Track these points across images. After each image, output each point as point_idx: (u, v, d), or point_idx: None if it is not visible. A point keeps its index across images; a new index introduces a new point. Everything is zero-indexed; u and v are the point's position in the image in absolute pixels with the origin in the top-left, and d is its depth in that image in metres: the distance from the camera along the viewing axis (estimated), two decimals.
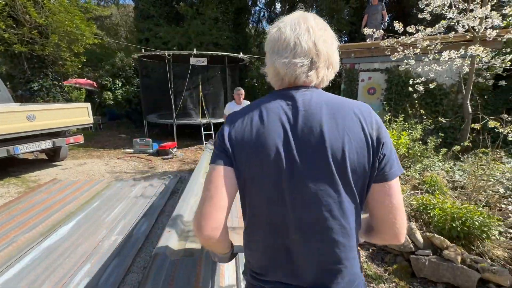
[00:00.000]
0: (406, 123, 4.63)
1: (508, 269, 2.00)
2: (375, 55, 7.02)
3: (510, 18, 3.90)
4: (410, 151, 4.16)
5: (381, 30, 4.95)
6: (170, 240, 1.18)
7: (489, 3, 3.85)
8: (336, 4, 7.87)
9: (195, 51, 6.31)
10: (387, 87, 6.96)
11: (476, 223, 2.33)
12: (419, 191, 3.54)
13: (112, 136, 8.29)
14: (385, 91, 7.00)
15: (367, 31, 5.24)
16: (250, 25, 13.77)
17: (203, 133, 6.84)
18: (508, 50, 4.12)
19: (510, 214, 2.95)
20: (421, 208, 2.83)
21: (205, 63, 6.72)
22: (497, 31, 3.97)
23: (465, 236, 2.34)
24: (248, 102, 4.32)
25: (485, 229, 2.31)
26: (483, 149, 3.80)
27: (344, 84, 7.71)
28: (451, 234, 2.39)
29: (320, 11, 9.16)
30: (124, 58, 8.62)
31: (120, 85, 8.34)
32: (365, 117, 0.62)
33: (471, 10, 3.95)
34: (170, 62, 6.39)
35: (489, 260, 2.13)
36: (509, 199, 3.15)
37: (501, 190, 3.29)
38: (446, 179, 3.90)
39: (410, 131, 4.38)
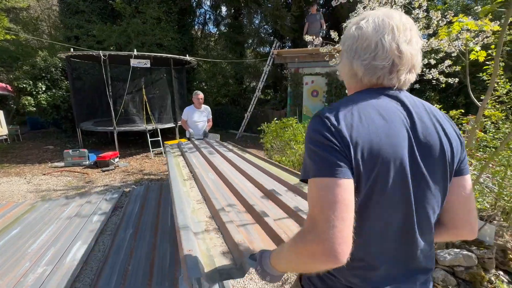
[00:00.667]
0: None
1: None
2: (316, 61, 7.57)
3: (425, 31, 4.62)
4: None
5: (320, 38, 5.37)
6: (198, 260, 0.93)
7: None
8: (279, 11, 8.24)
9: (135, 52, 5.83)
10: (328, 90, 7.58)
11: None
12: None
13: (36, 148, 7.07)
14: (326, 93, 7.61)
15: (307, 38, 5.64)
16: (196, 27, 13.41)
17: (149, 140, 6.36)
18: (423, 58, 4.87)
19: None
20: None
21: (148, 65, 6.27)
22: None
23: None
24: (207, 107, 4.17)
25: None
26: None
27: (290, 87, 8.10)
28: None
29: (264, 17, 9.47)
30: (48, 58, 7.44)
31: (44, 88, 7.15)
32: (449, 118, 0.64)
33: None
34: (106, 63, 5.76)
35: None
36: None
37: None
38: None
39: None
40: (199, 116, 4.06)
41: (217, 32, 14.20)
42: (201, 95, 4.04)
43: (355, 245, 0.51)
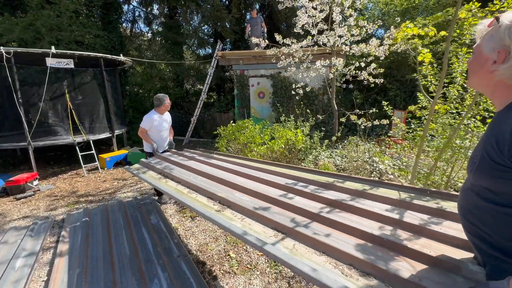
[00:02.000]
0: (298, 122, 5.31)
1: None
2: (260, 63, 7.73)
3: (353, 38, 5.16)
4: (303, 146, 4.76)
5: (266, 40, 5.50)
6: None
7: (342, 25, 4.98)
8: (220, 12, 8.09)
9: (54, 50, 4.80)
10: (274, 91, 7.82)
11: None
12: None
13: None
14: (272, 94, 7.85)
15: (254, 40, 5.71)
16: (124, 24, 12.05)
17: (79, 154, 5.34)
18: (354, 61, 5.46)
19: None
20: None
21: (71, 65, 5.26)
22: (346, 46, 5.22)
23: None
24: (168, 114, 3.58)
25: None
26: (353, 137, 4.91)
27: (236, 89, 8.04)
28: None
29: (204, 18, 9.17)
30: None
31: None
32: None
33: (332, 29, 4.99)
34: (12, 63, 4.57)
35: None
36: (374, 173, 4.17)
37: (368, 167, 4.30)
38: (334, 165, 4.74)
39: (302, 129, 5.04)
40: (164, 124, 3.47)
41: (149, 31, 13.11)
42: (167, 102, 3.44)
43: None
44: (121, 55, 6.17)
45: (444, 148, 2.01)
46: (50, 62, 4.90)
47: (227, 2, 9.79)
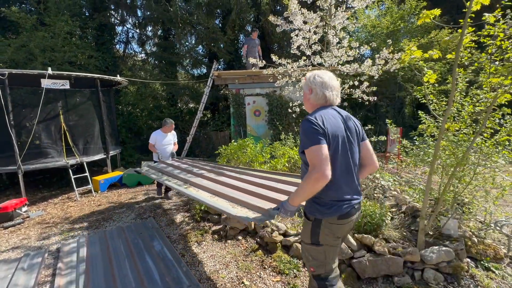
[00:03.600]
0: (298, 140, 5.34)
1: (407, 245, 2.59)
2: (256, 82, 7.87)
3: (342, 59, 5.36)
4: None
5: (263, 61, 5.64)
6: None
7: (337, 46, 5.20)
8: (215, 34, 8.31)
9: (50, 71, 4.72)
10: (269, 109, 7.91)
11: (377, 215, 2.89)
12: None
13: None
14: (268, 112, 7.93)
15: (252, 60, 5.84)
16: (118, 46, 12.12)
17: (72, 177, 5.10)
18: (348, 80, 5.64)
19: (382, 200, 3.91)
20: None
21: (67, 86, 5.17)
22: (341, 66, 5.42)
23: (374, 228, 2.85)
24: (175, 133, 4.77)
25: (383, 218, 2.90)
26: None
27: (232, 107, 8.07)
28: (366, 229, 2.85)
29: (199, 39, 9.37)
30: None
31: None
32: (357, 123, 1.51)
33: (328, 50, 5.19)
34: (5, 84, 4.44)
35: (394, 243, 2.68)
36: (377, 189, 4.18)
37: (370, 183, 4.32)
38: None
39: None
40: (167, 140, 4.55)
41: (143, 52, 13.23)
42: (172, 124, 4.61)
43: (335, 174, 1.29)
44: (118, 75, 6.13)
45: (458, 166, 2.05)
46: (46, 83, 4.79)
47: (221, 24, 10.10)
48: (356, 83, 5.37)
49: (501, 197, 2.37)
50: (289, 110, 6.18)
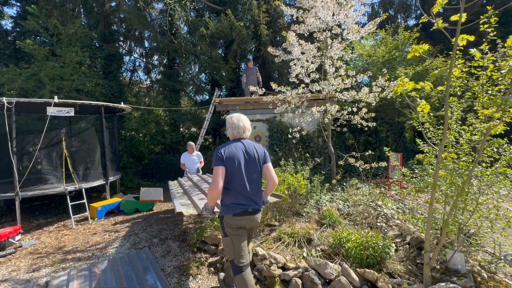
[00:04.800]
0: (297, 166, 5.31)
1: (413, 281, 2.44)
2: (256, 108, 8.02)
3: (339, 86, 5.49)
4: (305, 190, 4.67)
5: (263, 88, 5.81)
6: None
7: (335, 75, 5.37)
8: (218, 63, 8.68)
9: (56, 99, 4.87)
10: (270, 135, 7.97)
11: (381, 247, 2.77)
12: (324, 226, 3.96)
13: None
14: (269, 138, 7.98)
15: (251, 88, 6.03)
16: (124, 74, 12.65)
17: (69, 204, 5.04)
18: (346, 107, 5.74)
19: (386, 230, 3.77)
20: (337, 243, 3.10)
21: (72, 113, 5.30)
22: (338, 93, 5.54)
23: (377, 261, 2.72)
24: (199, 153, 5.77)
25: (387, 250, 2.77)
26: (353, 180, 4.89)
27: None
28: (368, 262, 2.72)
29: (202, 68, 9.76)
30: None
31: None
32: (259, 148, 2.16)
33: (325, 79, 5.35)
34: (12, 112, 4.57)
35: (399, 278, 2.53)
36: (380, 218, 4.06)
37: (373, 212, 4.20)
38: (337, 209, 4.62)
39: (302, 173, 5.01)
40: (191, 161, 5.47)
41: (148, 79, 13.76)
42: (193, 145, 5.57)
43: (231, 187, 2.03)
44: (122, 102, 6.31)
45: (458, 196, 2.00)
46: (51, 111, 4.93)
47: (223, 54, 10.57)
48: (355, 109, 5.48)
49: (508, 227, 2.28)
50: (289, 136, 6.25)
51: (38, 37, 9.45)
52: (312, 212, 4.50)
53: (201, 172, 5.65)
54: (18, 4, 9.77)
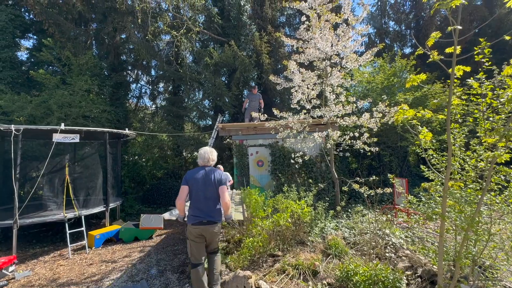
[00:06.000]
0: (301, 192, 5.21)
1: None
2: (259, 133, 8.10)
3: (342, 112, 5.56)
4: (309, 218, 4.53)
5: (265, 114, 5.90)
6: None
7: (335, 101, 5.47)
8: (221, 90, 8.95)
9: (63, 126, 4.98)
10: (272, 160, 7.94)
11: (391, 281, 2.61)
12: (330, 256, 3.78)
13: None
14: (271, 163, 7.94)
15: (254, 115, 6.13)
16: (131, 100, 13.03)
17: (68, 231, 4.91)
18: (348, 132, 5.76)
19: (395, 261, 3.58)
20: (344, 276, 2.94)
21: (77, 140, 5.38)
22: (340, 119, 5.60)
23: None
24: (227, 174, 5.85)
25: (398, 284, 2.61)
26: (358, 207, 4.76)
27: (236, 157, 8.15)
28: None
29: (206, 94, 10.05)
30: None
31: None
32: (217, 174, 2.89)
33: (326, 105, 5.45)
34: (19, 138, 4.66)
35: None
36: (388, 248, 3.88)
37: (381, 241, 4.02)
38: (342, 238, 4.44)
39: (305, 199, 4.91)
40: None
41: (153, 105, 14.13)
42: (221, 167, 5.60)
43: (192, 202, 2.85)
44: (127, 129, 6.42)
45: (470, 227, 1.92)
46: (57, 137, 5.01)
47: (226, 81, 10.94)
48: (357, 134, 5.51)
49: None
50: (292, 161, 6.22)
51: (50, 67, 9.92)
52: (317, 241, 4.34)
53: (229, 189, 6.13)
54: (35, 37, 10.41)
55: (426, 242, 3.52)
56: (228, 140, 8.46)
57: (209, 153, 2.95)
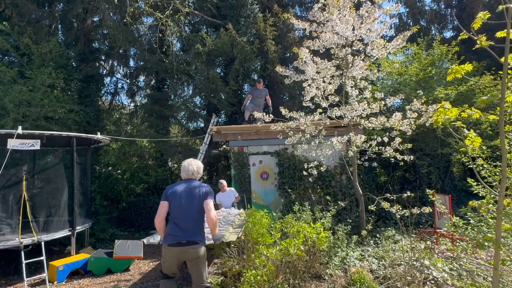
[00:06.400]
0: (316, 212, 5.19)
1: None
2: (263, 138, 8.12)
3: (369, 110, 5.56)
4: (326, 245, 4.50)
5: (270, 115, 5.91)
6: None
7: (358, 98, 5.49)
8: (215, 84, 9.04)
9: (20, 130, 5.04)
10: (280, 171, 7.93)
11: None
12: None
13: None
14: (278, 175, 7.93)
15: (257, 115, 6.15)
16: (104, 97, 13.20)
17: (24, 262, 4.91)
18: (375, 136, 5.76)
19: None
20: None
21: (37, 147, 5.44)
22: (364, 120, 5.60)
23: None
24: (232, 189, 6.98)
25: None
26: (389, 232, 4.72)
27: (234, 169, 8.15)
28: None
29: (197, 90, 10.16)
30: None
31: None
32: (202, 187, 3.13)
33: (347, 103, 5.47)
34: None
35: None
36: (428, 283, 3.83)
37: (418, 275, 3.98)
38: (369, 271, 4.39)
39: (322, 221, 4.88)
40: (226, 198, 6.58)
41: (132, 104, 14.28)
42: (224, 183, 6.70)
43: (171, 219, 3.03)
44: (99, 133, 6.48)
45: None
46: (13, 143, 5.07)
47: (222, 73, 11.05)
48: (386, 139, 5.49)
49: None
50: (304, 173, 6.20)
51: (6, 57, 10.10)
52: (337, 275, 4.31)
53: (236, 206, 6.70)
54: None
55: (477, 277, 3.45)
56: (224, 146, 8.49)
57: (193, 165, 3.19)
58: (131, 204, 9.77)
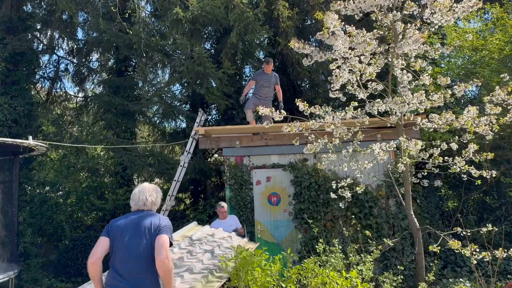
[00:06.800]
0: (352, 255, 5.16)
1: None
2: (271, 145, 8.12)
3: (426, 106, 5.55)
4: None
5: (282, 111, 5.88)
6: None
7: (412, 85, 5.47)
8: (203, 66, 9.01)
9: None
10: (296, 193, 7.90)
11: None
12: None
13: None
14: (294, 198, 7.90)
15: (262, 111, 6.12)
16: (40, 85, 13.33)
17: None
18: (439, 142, 5.73)
19: None
20: None
21: None
22: (421, 117, 5.58)
23: None
24: (234, 216, 7.31)
25: None
26: (462, 283, 4.67)
27: (230, 189, 8.15)
28: None
29: (177, 74, 10.20)
30: None
31: None
32: (156, 219, 3.17)
33: (395, 92, 5.46)
34: None
35: None
36: None
37: None
38: None
39: (358, 268, 4.86)
40: (226, 228, 6.63)
41: (80, 94, 14.38)
42: (225, 207, 6.98)
43: (111, 264, 3.02)
44: (30, 137, 6.53)
45: None
46: None
47: (213, 50, 11.09)
48: (455, 146, 5.47)
49: None
50: (332, 195, 6.15)
51: None
52: None
53: (237, 232, 7.12)
54: None
55: None
56: (215, 156, 8.46)
57: (146, 193, 3.25)
58: (78, 241, 9.80)
